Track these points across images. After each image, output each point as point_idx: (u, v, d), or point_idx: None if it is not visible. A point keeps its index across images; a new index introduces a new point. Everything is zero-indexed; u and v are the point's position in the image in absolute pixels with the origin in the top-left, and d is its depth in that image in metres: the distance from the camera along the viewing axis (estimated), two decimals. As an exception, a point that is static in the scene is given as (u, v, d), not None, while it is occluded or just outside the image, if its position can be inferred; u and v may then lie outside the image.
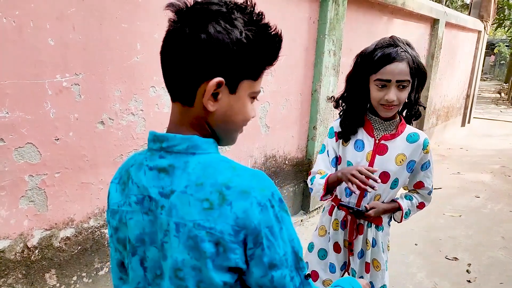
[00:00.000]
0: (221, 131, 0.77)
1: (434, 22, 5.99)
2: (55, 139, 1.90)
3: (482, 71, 12.81)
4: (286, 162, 3.58)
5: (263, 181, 0.72)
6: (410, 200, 1.65)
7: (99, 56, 1.99)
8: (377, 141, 1.54)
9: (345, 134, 1.58)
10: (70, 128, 1.94)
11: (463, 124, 9.00)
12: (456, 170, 5.69)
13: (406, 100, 1.49)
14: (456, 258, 3.20)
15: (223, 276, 0.70)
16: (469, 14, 8.77)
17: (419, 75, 1.45)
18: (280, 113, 3.37)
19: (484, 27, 8.46)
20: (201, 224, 0.68)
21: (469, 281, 2.87)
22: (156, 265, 0.76)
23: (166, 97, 2.37)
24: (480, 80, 11.32)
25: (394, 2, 4.53)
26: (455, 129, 8.45)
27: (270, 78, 3.15)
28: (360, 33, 4.26)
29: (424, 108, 1.61)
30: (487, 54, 20.96)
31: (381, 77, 1.41)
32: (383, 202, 1.58)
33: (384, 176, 1.53)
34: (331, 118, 3.89)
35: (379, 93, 1.44)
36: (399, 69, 1.39)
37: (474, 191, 4.83)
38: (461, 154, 6.67)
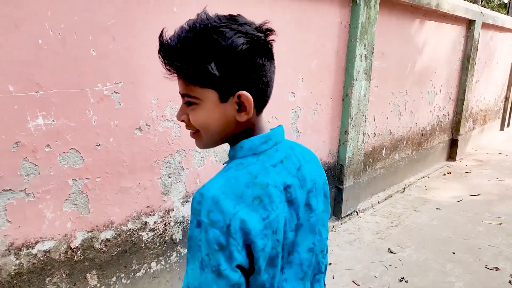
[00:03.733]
0: None
1: (469, 23, 5.81)
2: (97, 145, 1.99)
3: (522, 73, 12.20)
4: (318, 167, 3.55)
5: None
6: None
7: (137, 65, 2.08)
8: None
9: None
10: (110, 135, 2.03)
11: (501, 128, 8.63)
12: (495, 176, 5.46)
13: None
14: (497, 268, 3.07)
15: None
16: (507, 13, 8.44)
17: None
18: (311, 118, 3.37)
19: (524, 27, 8.11)
20: (324, 178, 0.96)
21: (511, 292, 2.75)
22: (290, 245, 0.88)
23: (200, 104, 2.42)
24: (520, 82, 10.81)
25: (428, 4, 4.44)
26: (493, 133, 8.12)
27: (300, 83, 3.16)
28: (392, 36, 4.20)
29: None
30: (527, 54, 19.96)
31: None
32: None
33: None
34: (363, 123, 3.85)
35: None
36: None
37: (516, 198, 4.62)
38: (500, 159, 6.40)
